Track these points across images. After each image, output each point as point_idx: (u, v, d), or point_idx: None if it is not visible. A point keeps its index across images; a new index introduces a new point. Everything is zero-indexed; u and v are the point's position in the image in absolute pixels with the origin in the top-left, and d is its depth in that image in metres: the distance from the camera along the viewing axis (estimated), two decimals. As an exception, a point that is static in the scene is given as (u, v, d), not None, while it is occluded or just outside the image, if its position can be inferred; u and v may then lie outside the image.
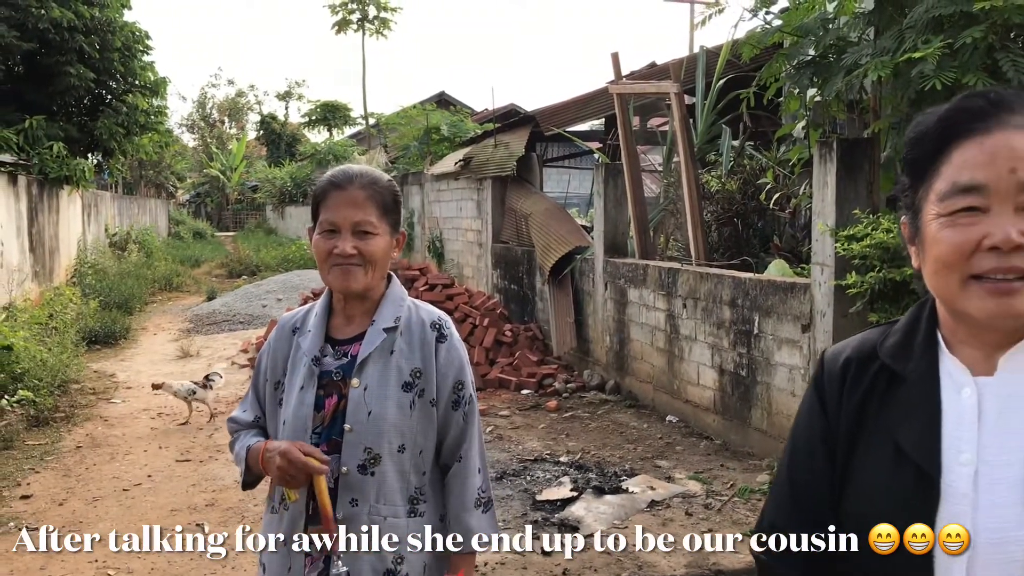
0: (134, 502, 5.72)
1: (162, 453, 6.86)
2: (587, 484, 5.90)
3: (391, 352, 2.09)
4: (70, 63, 14.65)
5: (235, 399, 8.65)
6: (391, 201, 2.13)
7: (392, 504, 2.07)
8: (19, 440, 7.03)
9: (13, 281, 12.05)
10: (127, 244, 22.21)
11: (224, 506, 5.62)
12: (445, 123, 16.80)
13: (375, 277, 2.11)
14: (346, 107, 37.99)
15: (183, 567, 4.69)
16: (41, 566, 4.70)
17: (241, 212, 48.97)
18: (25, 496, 5.80)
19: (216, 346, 11.66)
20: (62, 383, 8.67)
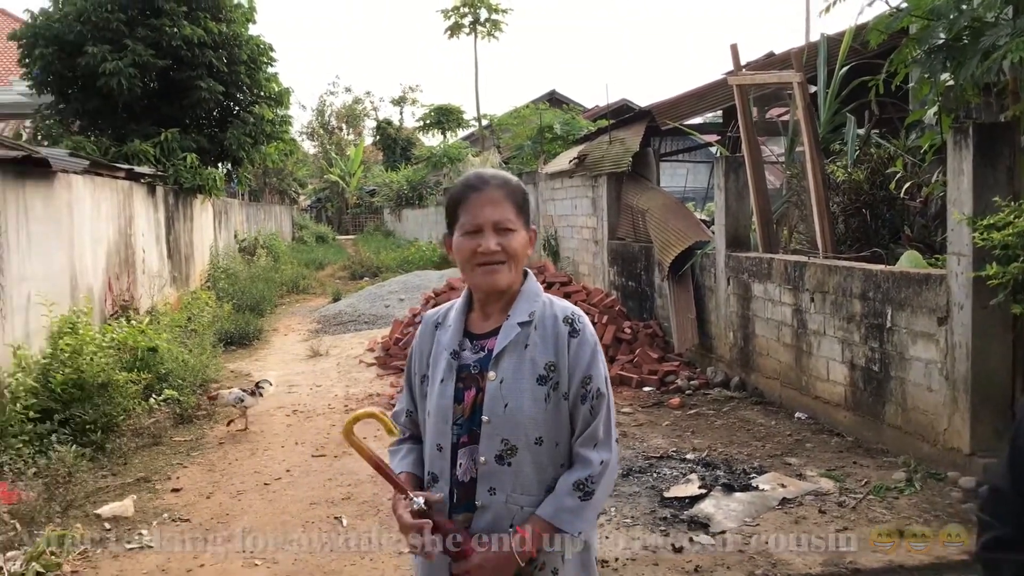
0: (275, 495, 5.98)
1: (298, 449, 7.13)
2: (715, 481, 5.84)
3: (525, 346, 2.16)
4: (201, 77, 15.40)
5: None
6: (523, 199, 2.22)
7: (529, 494, 2.14)
8: (167, 436, 7.43)
9: (154, 286, 12.74)
10: (256, 249, 23.13)
11: (360, 500, 5.81)
12: (558, 122, 16.85)
13: (516, 273, 2.19)
14: (459, 110, 38.48)
15: (324, 558, 4.87)
16: (195, 555, 4.97)
17: (360, 216, 50.31)
18: (176, 489, 6.14)
19: (344, 345, 12.03)
20: (203, 382, 9.13)
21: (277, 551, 4.99)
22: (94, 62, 14.16)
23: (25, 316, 7.53)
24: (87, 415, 7.00)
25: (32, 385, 6.88)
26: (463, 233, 2.17)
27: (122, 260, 11.12)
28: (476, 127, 33.47)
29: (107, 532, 5.32)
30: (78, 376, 7.18)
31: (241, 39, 16.20)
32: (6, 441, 6.17)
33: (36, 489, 5.64)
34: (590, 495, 2.13)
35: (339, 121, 57.28)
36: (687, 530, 5.11)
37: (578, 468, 2.14)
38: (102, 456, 6.72)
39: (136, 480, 6.32)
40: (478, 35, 31.69)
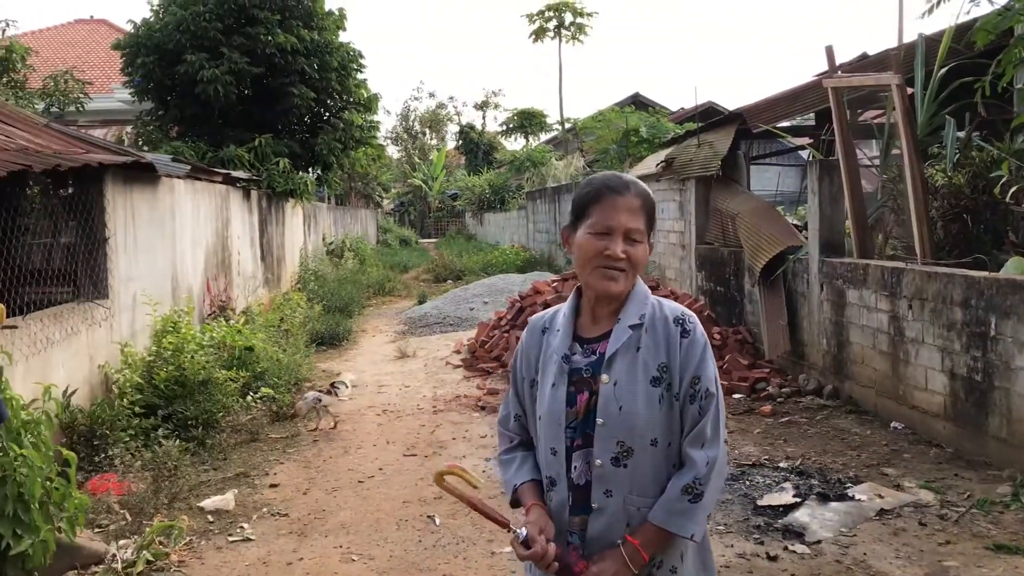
0: (369, 493, 6.10)
1: (389, 448, 7.26)
2: (810, 490, 5.75)
3: (637, 348, 2.16)
4: (293, 84, 15.79)
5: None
6: (653, 211, 2.24)
7: (646, 496, 2.15)
8: (264, 433, 7.65)
9: (248, 287, 13.12)
10: (343, 252, 23.58)
11: (451, 499, 5.86)
12: (644, 125, 16.76)
13: (632, 282, 2.20)
14: (542, 114, 38.62)
15: (419, 556, 4.96)
16: (294, 548, 5.12)
17: (442, 219, 50.87)
18: (273, 485, 6.31)
19: (430, 347, 12.19)
20: (296, 381, 9.37)
21: (372, 547, 5.11)
22: (192, 70, 14.66)
23: (131, 315, 7.85)
24: (188, 411, 7.26)
25: (138, 381, 7.17)
26: (592, 232, 2.17)
27: (219, 262, 11.48)
28: (559, 131, 33.51)
29: (210, 524, 5.51)
30: (180, 373, 7.46)
31: (332, 46, 16.55)
32: (115, 435, 6.43)
33: (144, 481, 5.88)
34: (699, 497, 2.12)
35: (422, 126, 58.03)
36: (781, 539, 5.05)
37: (686, 470, 2.15)
38: (203, 451, 6.95)
39: (236, 475, 6.52)
40: (562, 39, 31.74)
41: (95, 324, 7.01)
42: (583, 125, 22.32)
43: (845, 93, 8.70)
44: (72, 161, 6.35)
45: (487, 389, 9.24)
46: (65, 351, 6.39)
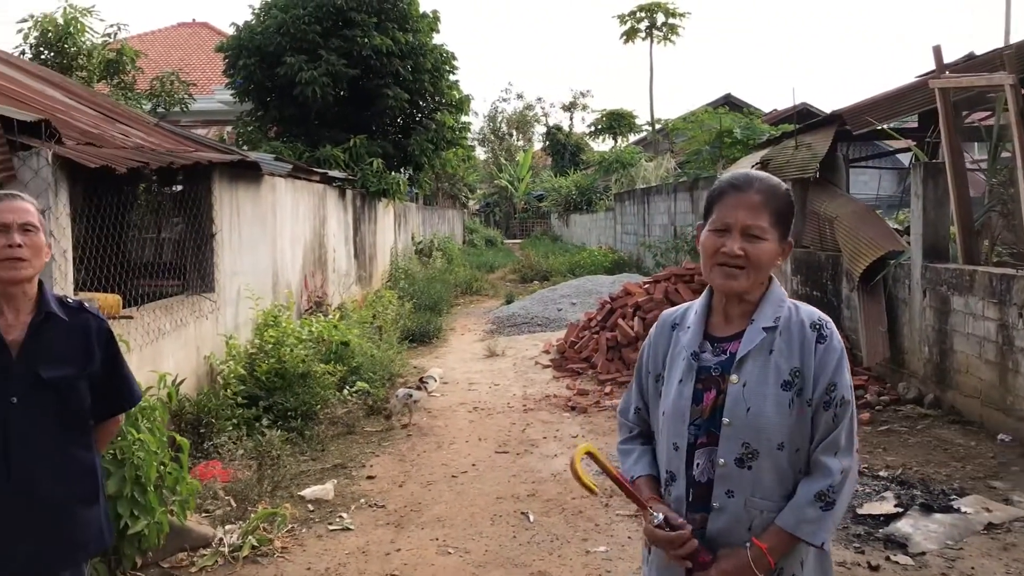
0: (463, 488, 6.18)
1: (482, 444, 7.34)
2: (912, 500, 5.59)
3: (770, 351, 2.14)
4: (388, 86, 16.09)
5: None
6: (785, 209, 2.17)
7: (768, 499, 2.13)
8: (359, 426, 7.82)
9: (343, 284, 13.41)
10: (432, 251, 23.88)
11: (544, 497, 5.93)
12: (738, 126, 16.50)
13: (756, 281, 2.16)
14: (631, 114, 38.41)
15: (514, 552, 5.01)
16: (391, 539, 5.22)
17: (527, 220, 51.03)
18: (370, 477, 6.45)
19: (518, 346, 12.26)
20: (390, 376, 9.54)
21: (468, 541, 5.18)
22: (291, 72, 15.07)
23: (235, 309, 8.12)
24: (288, 403, 7.47)
25: (241, 373, 7.41)
26: (711, 229, 2.17)
27: (316, 259, 11.76)
28: (648, 132, 33.28)
29: (311, 513, 5.66)
30: (280, 366, 7.68)
31: (426, 48, 16.79)
32: (220, 423, 6.66)
33: (248, 469, 6.08)
34: (831, 505, 2.10)
35: (509, 127, 58.31)
36: (883, 548, 4.93)
37: (818, 477, 2.12)
38: (302, 442, 7.14)
39: (334, 466, 6.68)
40: (654, 39, 31.50)
41: (202, 316, 7.27)
42: (674, 126, 22.10)
43: (952, 94, 8.44)
44: (184, 159, 6.61)
45: (577, 390, 9.25)
46: (175, 342, 6.65)
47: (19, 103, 5.95)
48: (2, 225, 2.65)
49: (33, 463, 2.70)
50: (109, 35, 15.64)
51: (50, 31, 14.54)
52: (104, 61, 15.28)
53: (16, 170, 4.76)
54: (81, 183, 5.91)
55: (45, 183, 4.82)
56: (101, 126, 7.20)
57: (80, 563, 2.90)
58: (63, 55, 14.62)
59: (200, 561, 4.82)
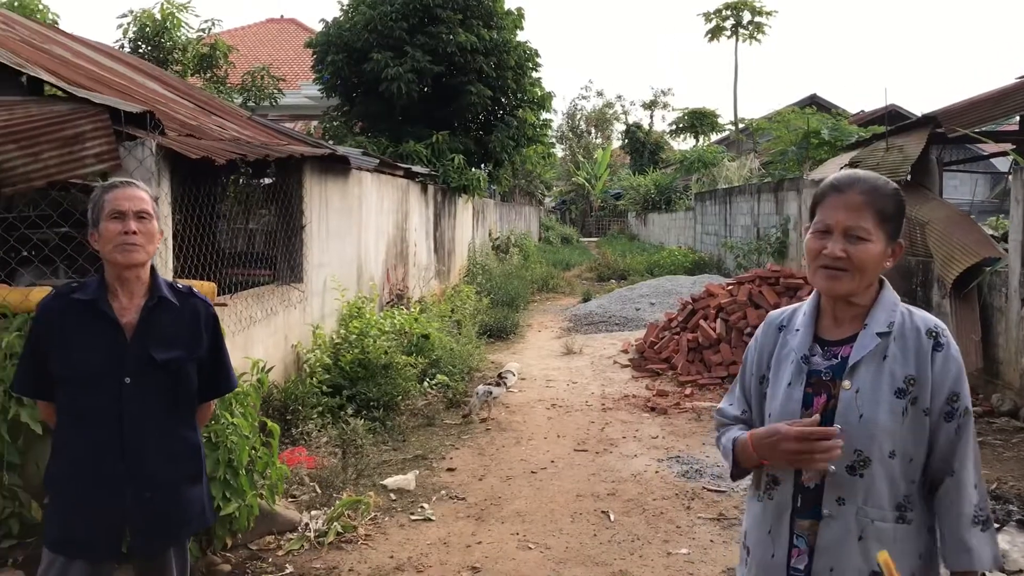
0: (542, 484, 6.20)
1: (560, 441, 7.34)
2: (1008, 516, 5.40)
3: (884, 357, 2.10)
4: (471, 82, 16.18)
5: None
6: (892, 209, 2.11)
7: (880, 508, 2.08)
8: (439, 419, 7.90)
9: (423, 278, 13.55)
10: (508, 247, 23.95)
11: (624, 497, 5.90)
12: (825, 127, 16.16)
13: (861, 283, 2.11)
14: (713, 113, 37.92)
15: (594, 550, 5.00)
16: (472, 532, 5.26)
17: (603, 218, 50.82)
18: (450, 469, 6.51)
19: (596, 345, 12.22)
20: (468, 370, 9.61)
21: (548, 537, 5.19)
22: (377, 68, 15.28)
23: (322, 299, 8.27)
24: (371, 393, 7.59)
25: (326, 362, 7.55)
26: (813, 231, 2.14)
27: (398, 252, 11.91)
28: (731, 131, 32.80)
29: (393, 502, 5.75)
30: (364, 356, 7.81)
31: (510, 45, 16.85)
32: (305, 411, 6.81)
33: (332, 456, 6.20)
34: (988, 523, 2.08)
35: (588, 125, 58.13)
36: (977, 564, 4.77)
37: (960, 501, 2.08)
38: (383, 432, 7.25)
39: (415, 457, 6.76)
40: (739, 38, 31.03)
41: (291, 306, 7.43)
42: (758, 126, 21.74)
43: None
44: (279, 152, 6.76)
45: (656, 391, 9.18)
46: (264, 329, 6.81)
47: (123, 95, 6.17)
48: (119, 212, 2.76)
49: (144, 442, 2.80)
50: (203, 30, 16.09)
51: (148, 26, 15.05)
52: (198, 55, 15.74)
53: (122, 160, 4.93)
54: (178, 174, 6.10)
55: (149, 172, 4.98)
56: (199, 118, 7.41)
57: (184, 540, 3.00)
58: (159, 49, 15.11)
59: (287, 545, 4.94)
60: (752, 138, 23.82)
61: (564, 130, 57.64)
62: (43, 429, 4.43)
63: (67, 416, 2.83)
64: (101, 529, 2.79)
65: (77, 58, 7.37)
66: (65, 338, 2.78)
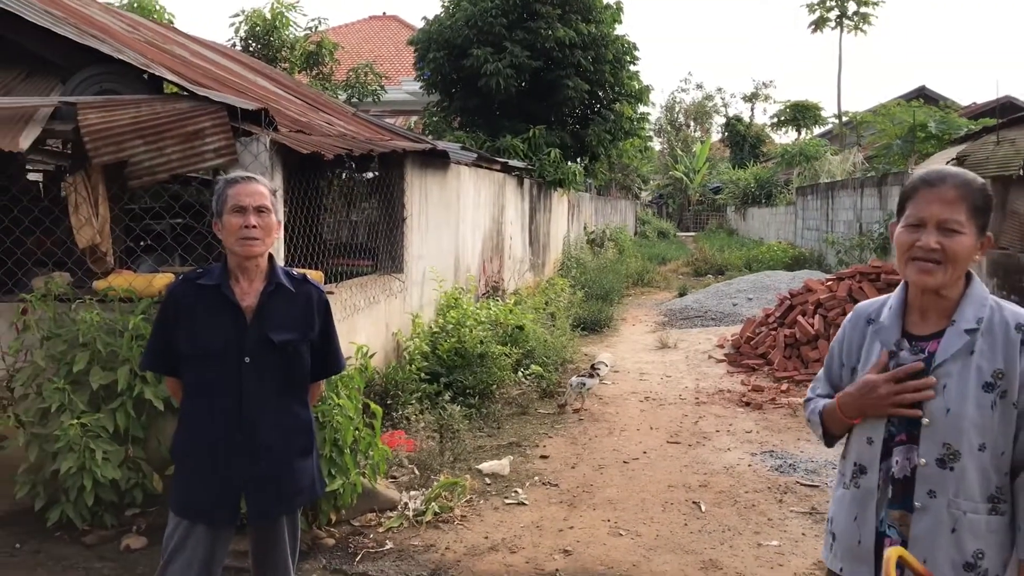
0: (634, 474, 6.29)
1: (653, 433, 7.42)
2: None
3: (971, 352, 2.13)
4: (569, 77, 16.26)
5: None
6: (982, 203, 2.15)
7: (971, 500, 2.12)
8: (533, 408, 8.07)
9: (518, 271, 13.75)
10: (604, 241, 23.98)
11: (716, 489, 5.95)
12: (932, 120, 15.67)
13: (953, 276, 2.14)
14: (816, 106, 37.05)
15: (685, 539, 5.08)
16: (564, 517, 5.40)
17: (701, 213, 50.21)
18: (543, 456, 6.67)
19: (691, 339, 12.20)
20: (561, 362, 9.75)
21: (639, 525, 5.29)
22: (477, 63, 15.52)
23: (420, 289, 8.54)
24: (467, 381, 7.80)
25: (424, 350, 7.80)
26: (905, 225, 2.17)
27: (494, 245, 12.13)
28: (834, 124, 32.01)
29: (488, 486, 5.93)
30: (460, 345, 8.02)
31: (608, 39, 16.86)
32: (405, 396, 7.06)
33: (431, 440, 6.43)
34: None
35: (687, 118, 57.47)
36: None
37: None
38: (479, 418, 7.46)
39: (509, 443, 6.94)
40: (844, 29, 30.24)
41: (392, 295, 7.70)
42: (862, 119, 21.21)
43: None
44: (383, 147, 7.02)
45: (752, 386, 9.14)
46: (367, 317, 7.08)
47: (238, 93, 6.51)
48: (240, 207, 2.98)
49: (261, 416, 3.03)
50: (310, 28, 16.63)
51: (258, 25, 15.65)
52: (305, 53, 16.28)
53: (238, 155, 5.23)
54: (287, 168, 6.41)
55: (263, 167, 5.26)
56: (308, 114, 7.74)
57: (296, 509, 3.23)
58: (269, 47, 15.71)
59: (387, 522, 5.17)
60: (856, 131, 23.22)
61: (662, 123, 57.14)
62: (164, 406, 4.78)
63: (192, 391, 3.09)
64: (220, 496, 3.03)
65: (195, 57, 7.79)
66: (192, 319, 3.03)
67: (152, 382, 4.78)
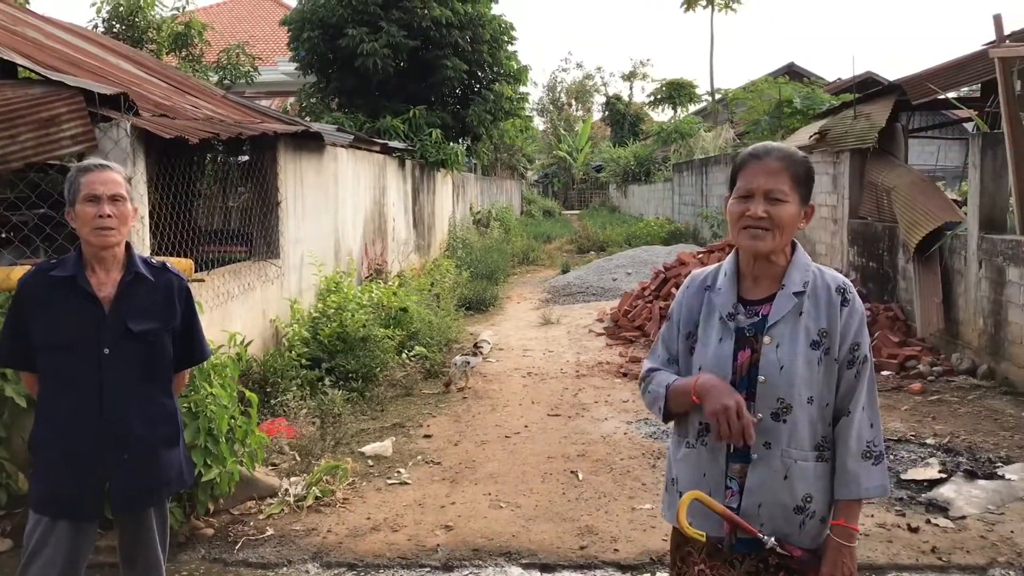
0: (515, 448, 6.42)
1: (534, 408, 7.57)
2: (957, 467, 5.68)
3: (800, 314, 2.32)
4: (447, 57, 16.26)
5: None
6: (804, 174, 2.32)
7: (801, 449, 2.31)
8: (417, 389, 8.11)
9: (402, 253, 13.72)
10: (489, 221, 24.11)
11: (593, 457, 6.14)
12: (798, 96, 16.35)
13: (780, 242, 2.32)
14: (691, 84, 38.06)
15: (563, 507, 5.23)
16: (446, 493, 5.49)
17: (585, 191, 51.00)
18: (427, 435, 6.73)
19: (573, 315, 12.44)
20: (447, 342, 9.82)
21: (519, 496, 5.41)
22: (353, 44, 15.34)
23: (299, 274, 8.44)
24: (349, 365, 7.78)
25: (304, 335, 7.74)
26: (736, 197, 2.34)
27: (376, 228, 12.07)
28: (708, 102, 32.95)
29: (370, 468, 5.96)
30: (342, 330, 7.98)
31: (484, 19, 16.92)
32: (284, 383, 7.00)
33: (311, 426, 6.40)
34: (880, 458, 2.32)
35: (569, 97, 58.08)
36: (924, 512, 5.04)
37: (853, 438, 2.31)
38: (362, 402, 7.45)
39: (392, 425, 6.98)
40: (715, 8, 31.09)
41: (268, 281, 7.60)
42: (734, 96, 21.89)
43: (1015, 64, 8.33)
44: (252, 130, 6.90)
45: (629, 357, 9.41)
46: (242, 304, 6.98)
47: (98, 76, 6.29)
48: (94, 196, 2.92)
49: (123, 408, 2.99)
50: (178, 8, 16.07)
51: (121, 5, 15.03)
52: (173, 34, 15.73)
53: (98, 141, 5.07)
54: (154, 153, 6.23)
55: (124, 153, 5.12)
56: (173, 98, 7.52)
57: (163, 499, 3.19)
58: (134, 28, 15.10)
59: (267, 509, 5.14)
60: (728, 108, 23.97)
61: (545, 103, 57.58)
62: (27, 403, 4.62)
63: (50, 385, 3.01)
64: (83, 489, 2.97)
65: (50, 40, 7.46)
66: (46, 312, 2.95)
67: (12, 379, 4.61)
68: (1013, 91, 8.08)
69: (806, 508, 2.32)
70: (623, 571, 4.46)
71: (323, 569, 4.51)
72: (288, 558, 4.60)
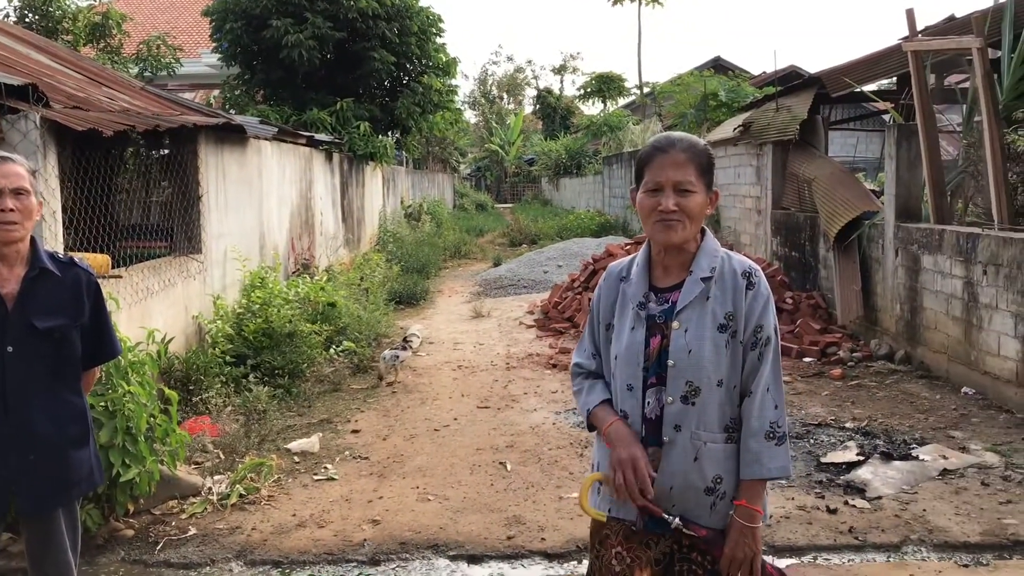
0: (444, 440, 6.41)
1: (464, 400, 7.57)
2: (874, 449, 5.85)
3: (707, 298, 2.36)
4: (374, 48, 16.10)
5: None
6: (707, 163, 2.37)
7: (711, 431, 2.36)
8: (345, 384, 8.04)
9: (330, 247, 13.57)
10: (421, 215, 24.00)
11: (522, 448, 6.16)
12: (723, 89, 16.62)
13: (692, 231, 2.37)
14: (620, 78, 38.35)
15: (491, 498, 5.24)
16: (374, 488, 5.45)
17: (518, 184, 51.05)
18: (355, 431, 6.67)
19: (504, 308, 12.47)
20: (376, 336, 9.75)
21: (447, 488, 5.41)
22: (277, 35, 15.07)
23: (222, 270, 8.29)
24: (275, 361, 7.66)
25: (228, 332, 7.60)
26: (646, 191, 2.37)
27: (303, 222, 11.91)
28: (637, 95, 33.23)
29: (296, 465, 5.88)
30: (268, 326, 7.86)
31: (412, 10, 16.78)
32: (208, 380, 6.86)
33: (236, 424, 6.29)
34: (783, 439, 2.36)
35: (500, 90, 58.07)
36: (843, 494, 5.18)
37: (756, 417, 2.35)
38: (289, 399, 7.36)
39: (320, 421, 6.90)
40: (642, 2, 31.37)
41: (190, 277, 7.44)
42: (662, 89, 22.13)
43: (927, 57, 8.59)
44: (170, 122, 6.74)
45: (559, 348, 9.47)
46: (163, 301, 6.82)
47: (5, 67, 6.07)
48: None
49: (28, 407, 2.89)
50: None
51: (35, -7, 14.54)
52: (90, 25, 15.28)
53: (4, 133, 4.90)
54: (69, 146, 6.05)
55: (34, 146, 4.96)
56: (87, 90, 7.31)
57: (73, 500, 3.10)
58: (48, 18, 14.64)
59: (190, 508, 5.04)
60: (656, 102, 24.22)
61: (476, 96, 57.47)
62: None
63: (-49, 386, 2.90)
64: (-13, 492, 2.87)
65: (-44, 29, 7.18)
66: (-55, 310, 2.84)
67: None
68: (926, 84, 8.33)
69: (716, 489, 2.36)
70: (550, 559, 4.49)
71: (247, 567, 4.44)
72: (211, 557, 4.51)
